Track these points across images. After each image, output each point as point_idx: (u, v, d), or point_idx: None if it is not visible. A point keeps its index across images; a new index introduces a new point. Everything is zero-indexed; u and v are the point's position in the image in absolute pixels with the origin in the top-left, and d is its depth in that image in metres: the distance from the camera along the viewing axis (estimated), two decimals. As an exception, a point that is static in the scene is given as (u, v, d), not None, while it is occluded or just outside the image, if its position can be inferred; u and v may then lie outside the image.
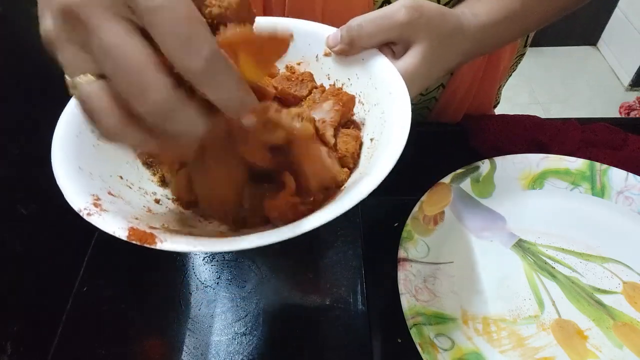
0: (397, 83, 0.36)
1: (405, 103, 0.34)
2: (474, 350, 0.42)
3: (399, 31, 0.38)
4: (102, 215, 0.29)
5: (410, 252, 0.47)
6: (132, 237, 0.27)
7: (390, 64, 0.37)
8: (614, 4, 2.06)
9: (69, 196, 0.30)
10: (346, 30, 0.38)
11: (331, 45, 0.40)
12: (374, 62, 0.38)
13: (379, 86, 0.38)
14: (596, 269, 0.47)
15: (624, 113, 1.92)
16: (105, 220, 0.29)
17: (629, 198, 0.51)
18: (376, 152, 0.34)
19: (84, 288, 0.49)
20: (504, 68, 0.66)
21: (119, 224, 0.28)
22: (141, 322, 0.47)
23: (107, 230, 0.28)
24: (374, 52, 0.39)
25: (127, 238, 0.28)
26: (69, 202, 0.29)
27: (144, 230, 0.28)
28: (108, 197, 0.32)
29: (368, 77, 0.39)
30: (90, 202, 0.30)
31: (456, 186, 0.52)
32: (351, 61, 0.40)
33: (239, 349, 0.44)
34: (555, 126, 0.58)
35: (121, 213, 0.30)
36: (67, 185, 0.30)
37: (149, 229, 0.28)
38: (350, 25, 0.38)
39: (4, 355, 0.41)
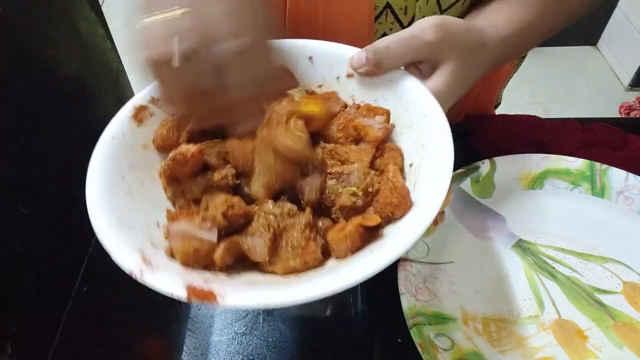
0: (431, 104, 0.34)
1: (443, 125, 0.33)
2: (474, 350, 0.42)
3: (426, 51, 0.37)
4: (154, 273, 0.28)
5: (410, 252, 0.47)
6: (191, 297, 0.27)
7: (421, 85, 0.36)
8: (614, 4, 2.06)
9: (116, 256, 0.29)
10: (373, 52, 0.37)
11: (356, 66, 0.38)
12: (403, 83, 0.37)
13: (411, 108, 0.36)
14: (596, 269, 0.47)
15: (624, 113, 1.92)
16: (160, 279, 0.28)
17: (629, 198, 0.51)
18: (419, 181, 0.33)
19: (84, 288, 0.49)
20: (505, 71, 0.66)
21: (176, 281, 0.27)
22: (141, 322, 0.47)
23: (166, 291, 0.27)
24: (401, 73, 0.38)
25: (186, 300, 0.27)
26: (118, 263, 0.28)
27: (202, 289, 0.27)
28: (152, 249, 0.31)
29: (397, 98, 0.38)
30: (140, 260, 0.29)
31: (456, 186, 0.52)
32: (377, 82, 0.38)
33: (239, 349, 0.44)
34: (555, 126, 0.58)
35: (170, 267, 0.29)
36: (113, 244, 0.29)
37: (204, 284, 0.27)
38: (377, 47, 0.37)
39: (4, 355, 0.41)
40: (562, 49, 2.23)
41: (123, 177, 0.34)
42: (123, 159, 0.35)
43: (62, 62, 0.52)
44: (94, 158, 0.34)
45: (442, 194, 0.29)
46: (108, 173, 0.34)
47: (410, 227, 0.29)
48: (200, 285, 0.27)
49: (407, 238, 0.27)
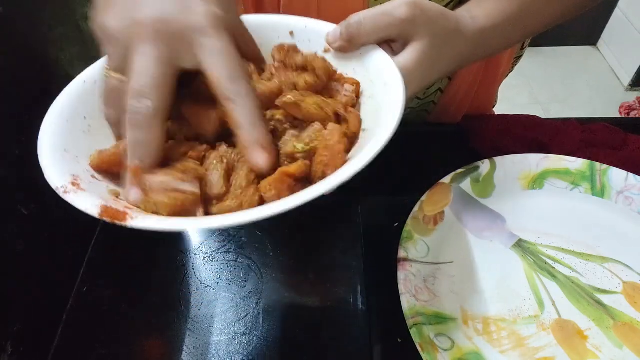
0: (393, 74, 0.35)
1: (399, 92, 0.33)
2: (474, 350, 0.42)
3: (398, 28, 0.37)
4: (78, 193, 0.29)
5: (410, 252, 0.47)
6: (103, 214, 0.27)
7: (387, 57, 0.37)
8: (614, 4, 2.06)
9: (48, 174, 0.29)
10: (345, 27, 0.38)
11: (331, 42, 0.39)
12: (372, 56, 0.38)
13: (375, 79, 0.37)
14: (596, 269, 0.47)
15: (624, 113, 1.92)
16: (80, 197, 0.28)
17: (629, 198, 0.51)
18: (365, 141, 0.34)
19: (84, 288, 0.49)
20: (503, 71, 0.66)
21: (93, 202, 0.28)
22: (141, 322, 0.47)
23: (80, 207, 0.27)
24: (372, 47, 0.38)
25: (98, 215, 0.27)
26: (48, 179, 0.29)
27: (117, 208, 0.27)
28: (90, 179, 0.31)
29: (365, 70, 0.38)
30: (68, 181, 0.29)
31: (456, 186, 0.52)
32: (350, 57, 0.39)
33: (239, 349, 0.44)
34: (555, 126, 0.58)
35: (99, 194, 0.30)
36: (49, 164, 0.30)
37: (124, 208, 0.28)
38: (349, 22, 0.38)
39: (4, 355, 0.41)
40: (562, 49, 2.23)
41: (85, 116, 0.35)
42: (89, 102, 0.36)
43: (63, 61, 0.52)
44: (61, 95, 0.35)
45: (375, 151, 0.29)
46: (69, 109, 0.35)
47: (335, 176, 0.29)
48: (116, 207, 0.28)
49: (327, 184, 0.28)
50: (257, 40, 0.41)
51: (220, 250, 0.52)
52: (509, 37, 0.47)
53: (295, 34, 0.41)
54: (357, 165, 0.28)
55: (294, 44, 0.40)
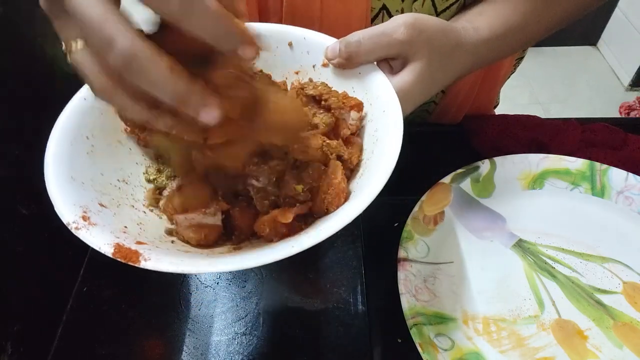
0: (392, 102, 0.35)
1: (397, 124, 0.34)
2: (474, 350, 0.42)
3: (397, 49, 0.38)
4: (89, 230, 0.29)
5: (410, 252, 0.47)
6: (117, 255, 0.28)
7: (386, 81, 0.37)
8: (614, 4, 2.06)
9: (58, 208, 0.30)
10: (345, 45, 0.38)
11: (329, 57, 0.39)
12: (371, 78, 0.38)
13: (374, 103, 0.37)
14: (596, 269, 0.47)
15: (624, 113, 1.92)
16: (93, 235, 0.29)
17: (629, 198, 0.51)
18: (366, 173, 0.34)
19: (84, 288, 0.49)
20: (504, 73, 0.66)
21: (106, 240, 0.28)
22: (141, 322, 0.47)
23: (94, 246, 0.28)
24: (371, 68, 0.38)
25: (112, 255, 0.28)
26: (58, 214, 0.29)
27: (129, 247, 0.28)
28: (98, 208, 0.32)
29: (364, 92, 0.39)
30: (79, 215, 0.29)
31: (456, 186, 0.52)
32: (348, 74, 0.40)
33: (239, 349, 0.44)
34: (555, 126, 0.58)
35: (109, 226, 0.30)
36: (58, 197, 0.30)
37: (135, 245, 0.28)
38: (349, 40, 0.38)
39: (5, 355, 0.41)
40: (562, 49, 2.23)
41: (88, 136, 0.35)
42: (91, 120, 0.36)
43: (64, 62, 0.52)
44: (62, 115, 0.35)
45: (377, 189, 0.30)
46: (72, 130, 0.35)
47: (338, 217, 0.30)
48: (129, 245, 0.28)
49: (331, 227, 0.29)
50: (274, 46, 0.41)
51: (220, 250, 0.52)
52: (511, 45, 0.47)
53: (294, 45, 0.41)
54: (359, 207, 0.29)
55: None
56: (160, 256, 0.28)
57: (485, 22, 0.43)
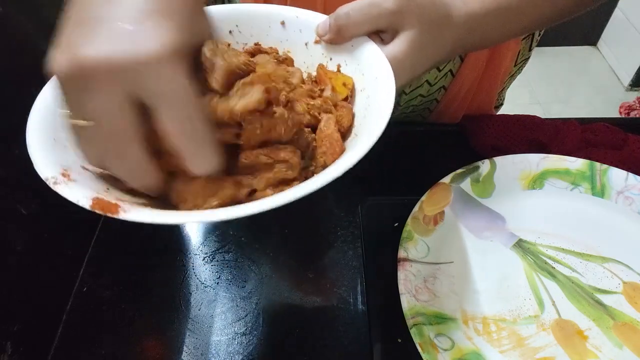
0: (384, 67, 0.35)
1: (389, 85, 0.33)
2: (474, 350, 0.42)
3: (387, 19, 0.37)
4: (68, 184, 0.28)
5: (410, 252, 0.47)
6: (95, 206, 0.27)
7: (378, 50, 0.37)
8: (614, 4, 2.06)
9: (38, 165, 0.29)
10: (334, 19, 0.38)
11: (321, 33, 0.39)
12: (362, 49, 0.38)
13: (366, 72, 0.37)
14: (596, 269, 0.47)
15: (624, 113, 1.93)
16: (71, 189, 0.28)
17: (629, 198, 0.51)
18: (359, 133, 0.34)
19: (84, 288, 0.49)
20: (505, 70, 0.65)
21: (85, 193, 0.28)
22: (141, 322, 0.47)
23: (71, 198, 0.27)
24: (362, 39, 0.38)
25: (90, 207, 0.27)
26: (37, 170, 0.29)
27: (109, 200, 0.27)
28: (81, 170, 0.31)
29: (356, 63, 0.39)
30: (59, 172, 0.29)
31: (456, 186, 0.52)
32: (340, 49, 0.39)
33: (239, 349, 0.44)
34: (555, 126, 0.58)
35: (90, 185, 0.29)
36: (39, 155, 0.30)
37: (114, 200, 0.27)
38: (337, 13, 0.37)
39: (4, 355, 0.41)
40: (562, 49, 2.23)
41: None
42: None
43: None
44: (48, 84, 0.35)
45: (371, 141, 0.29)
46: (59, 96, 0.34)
47: (333, 168, 0.29)
48: (108, 199, 0.27)
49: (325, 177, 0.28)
50: (249, 29, 0.41)
51: (220, 250, 0.52)
52: (505, 27, 0.46)
53: (287, 24, 0.41)
54: (355, 156, 0.29)
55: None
56: (141, 209, 0.27)
57: None
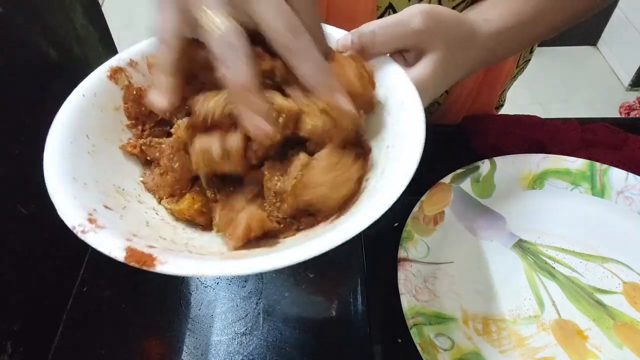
0: (411, 94, 0.34)
1: (419, 115, 0.32)
2: (474, 350, 0.42)
3: (413, 39, 0.36)
4: (97, 233, 0.27)
5: (410, 252, 0.47)
6: (129, 259, 0.26)
7: (403, 73, 0.35)
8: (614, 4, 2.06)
9: (63, 212, 0.28)
10: (358, 36, 0.36)
11: (341, 50, 0.37)
12: (386, 70, 0.36)
13: (391, 95, 0.36)
14: (596, 269, 0.47)
15: (624, 113, 1.92)
16: (101, 238, 0.27)
17: (629, 198, 0.51)
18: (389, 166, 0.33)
19: (84, 288, 0.49)
20: (506, 72, 0.65)
21: (117, 243, 0.27)
22: (141, 322, 0.47)
23: (103, 250, 0.27)
24: (385, 59, 0.37)
25: (124, 260, 0.26)
26: (63, 218, 0.28)
27: (142, 251, 0.27)
28: (104, 210, 0.30)
29: (379, 85, 0.37)
30: (85, 218, 0.28)
31: (456, 186, 0.52)
32: None
33: (239, 349, 0.44)
34: (555, 126, 0.58)
35: (118, 229, 0.29)
36: (61, 199, 0.29)
37: (148, 249, 0.27)
38: (362, 31, 0.36)
39: (5, 354, 0.41)
40: (562, 49, 2.23)
41: (88, 135, 0.34)
42: (91, 118, 0.35)
43: (64, 62, 0.52)
44: (60, 113, 0.34)
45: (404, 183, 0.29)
46: (72, 129, 0.33)
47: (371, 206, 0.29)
48: (142, 249, 0.27)
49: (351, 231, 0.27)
50: None
51: (220, 250, 0.52)
52: (523, 40, 0.46)
53: None
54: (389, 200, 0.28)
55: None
56: (177, 259, 0.27)
57: (496, 14, 0.42)
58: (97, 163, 0.33)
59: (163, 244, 0.30)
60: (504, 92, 0.73)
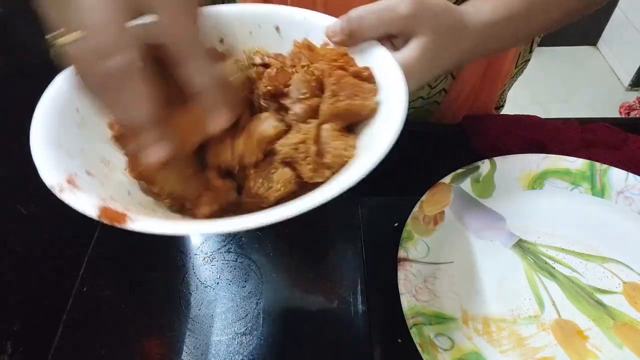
0: (395, 74, 0.35)
1: (401, 93, 0.33)
2: (474, 350, 0.42)
3: (401, 24, 0.37)
4: (74, 192, 0.28)
5: (410, 252, 0.47)
6: (102, 216, 0.26)
7: (389, 55, 0.36)
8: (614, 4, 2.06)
9: (43, 171, 0.28)
10: (346, 21, 0.37)
11: (330, 36, 0.38)
12: (372, 53, 0.37)
13: (376, 77, 0.36)
14: (596, 269, 0.47)
15: (624, 113, 1.92)
16: (78, 197, 0.27)
17: (629, 198, 0.51)
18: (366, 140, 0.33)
19: (84, 288, 0.49)
20: (505, 72, 0.65)
21: (92, 202, 0.27)
22: (141, 322, 0.47)
23: (77, 208, 0.27)
24: (372, 43, 0.38)
25: (97, 217, 0.26)
26: (42, 178, 0.28)
27: (116, 210, 0.27)
28: (86, 176, 0.30)
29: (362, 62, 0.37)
30: (64, 179, 0.28)
31: (456, 186, 0.52)
32: (349, 52, 0.38)
33: (239, 349, 0.44)
34: (555, 126, 0.58)
35: (97, 192, 0.29)
36: (43, 161, 0.29)
37: (122, 209, 0.27)
38: (350, 16, 0.37)
39: (5, 354, 0.41)
40: (562, 49, 2.23)
41: (78, 109, 0.34)
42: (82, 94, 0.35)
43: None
44: (52, 86, 0.34)
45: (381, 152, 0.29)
46: (63, 100, 0.33)
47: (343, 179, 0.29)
48: (116, 208, 0.27)
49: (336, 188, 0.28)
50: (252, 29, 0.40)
51: (220, 250, 0.52)
52: (515, 34, 0.46)
53: (292, 26, 0.40)
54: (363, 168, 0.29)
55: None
56: (151, 220, 0.27)
57: (488, 6, 0.42)
58: (85, 135, 0.34)
59: (142, 211, 0.30)
60: (504, 92, 0.73)
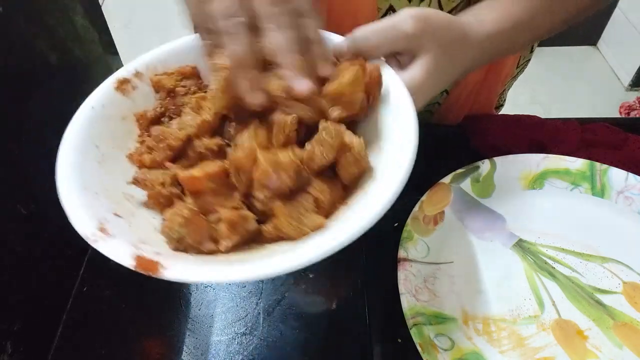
0: (403, 97, 0.35)
1: (411, 118, 0.33)
2: (474, 350, 0.42)
3: (405, 42, 0.37)
4: (107, 242, 0.29)
5: (410, 252, 0.47)
6: (139, 267, 0.27)
7: (396, 77, 0.36)
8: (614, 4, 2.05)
9: (75, 222, 0.29)
10: (351, 41, 0.37)
11: (337, 56, 0.38)
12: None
13: (384, 99, 0.37)
14: (596, 269, 0.47)
15: (624, 113, 1.92)
16: (111, 246, 0.28)
17: (629, 198, 0.51)
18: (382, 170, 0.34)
19: (84, 288, 0.49)
20: (506, 72, 0.65)
21: (126, 251, 0.28)
22: (141, 322, 0.47)
23: (113, 258, 0.28)
24: (379, 63, 0.37)
25: (134, 268, 0.27)
26: (76, 228, 0.29)
27: (149, 258, 0.28)
28: (114, 219, 0.31)
29: None
30: (96, 228, 0.29)
31: (456, 186, 0.52)
32: None
33: (239, 349, 0.44)
34: (555, 126, 0.58)
35: (127, 237, 0.30)
36: (74, 210, 0.30)
37: (155, 256, 0.28)
38: (355, 36, 0.37)
39: (5, 354, 0.41)
40: (562, 49, 2.23)
41: (98, 145, 0.36)
42: (99, 129, 0.36)
43: (63, 62, 0.52)
44: (70, 125, 0.35)
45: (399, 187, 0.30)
46: (82, 140, 0.35)
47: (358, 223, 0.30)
48: (149, 256, 0.28)
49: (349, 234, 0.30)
50: None
51: (220, 250, 0.52)
52: (517, 41, 0.46)
53: None
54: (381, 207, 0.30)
55: None
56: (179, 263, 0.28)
57: (490, 16, 0.42)
58: (107, 172, 0.35)
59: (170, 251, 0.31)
60: (504, 92, 0.73)
